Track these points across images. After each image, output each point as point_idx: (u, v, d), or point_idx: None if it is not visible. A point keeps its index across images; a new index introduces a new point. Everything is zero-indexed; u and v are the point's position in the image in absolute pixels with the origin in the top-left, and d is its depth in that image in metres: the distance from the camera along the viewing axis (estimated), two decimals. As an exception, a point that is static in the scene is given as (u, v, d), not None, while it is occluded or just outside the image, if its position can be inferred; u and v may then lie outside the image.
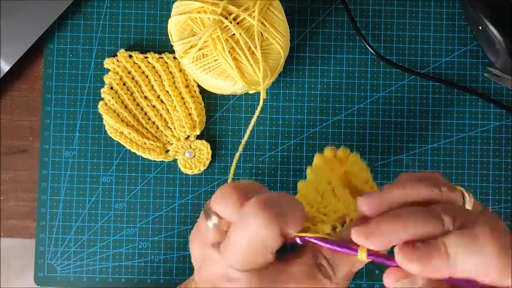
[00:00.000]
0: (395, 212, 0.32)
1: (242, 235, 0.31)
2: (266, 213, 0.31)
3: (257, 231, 0.31)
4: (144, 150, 0.53)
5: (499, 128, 0.55)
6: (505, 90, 0.55)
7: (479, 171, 0.54)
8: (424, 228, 0.31)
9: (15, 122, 0.55)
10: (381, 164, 0.54)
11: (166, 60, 0.54)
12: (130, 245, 0.54)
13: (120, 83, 0.54)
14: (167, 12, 0.55)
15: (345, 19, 0.55)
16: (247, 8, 0.47)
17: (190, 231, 0.54)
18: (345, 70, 0.55)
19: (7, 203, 0.55)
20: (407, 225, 0.31)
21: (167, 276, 0.54)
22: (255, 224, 0.31)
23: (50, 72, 0.55)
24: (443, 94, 0.55)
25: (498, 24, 0.51)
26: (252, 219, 0.31)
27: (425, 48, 0.55)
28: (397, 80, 0.55)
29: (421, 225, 0.31)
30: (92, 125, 0.55)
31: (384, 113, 0.55)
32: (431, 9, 0.55)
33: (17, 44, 0.53)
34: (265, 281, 0.32)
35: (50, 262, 0.54)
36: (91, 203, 0.54)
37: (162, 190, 0.54)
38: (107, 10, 0.55)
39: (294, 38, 0.55)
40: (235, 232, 0.32)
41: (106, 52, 0.55)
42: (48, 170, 0.54)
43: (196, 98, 0.54)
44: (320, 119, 0.55)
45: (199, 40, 0.47)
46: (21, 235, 0.55)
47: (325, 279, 0.33)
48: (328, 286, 0.33)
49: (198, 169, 0.54)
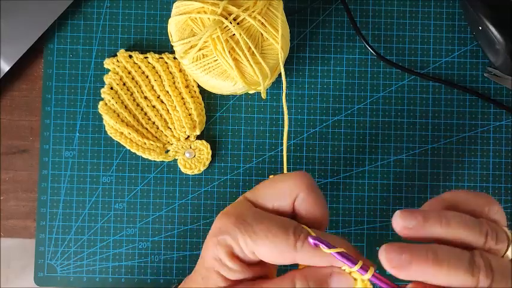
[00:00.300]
0: (433, 252, 0.30)
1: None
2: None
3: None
4: (144, 151, 0.53)
5: (499, 128, 0.55)
6: (505, 90, 0.55)
7: (479, 171, 0.54)
8: (456, 282, 0.30)
9: (15, 122, 0.55)
10: (381, 164, 0.54)
11: (166, 60, 0.54)
12: (130, 245, 0.54)
13: (120, 83, 0.54)
14: (167, 12, 0.55)
15: (345, 19, 0.55)
16: (247, 8, 0.47)
17: (190, 231, 0.54)
18: (345, 70, 0.55)
19: (7, 203, 0.55)
20: (441, 271, 0.30)
21: (167, 276, 0.54)
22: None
23: (50, 72, 0.55)
24: (443, 94, 0.55)
25: (498, 24, 0.51)
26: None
27: (425, 48, 0.55)
28: (397, 80, 0.55)
29: (455, 278, 0.30)
30: (92, 125, 0.55)
31: (383, 113, 0.55)
32: (431, 9, 0.55)
33: (17, 44, 0.53)
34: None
35: (50, 262, 0.54)
36: (91, 203, 0.54)
37: (162, 190, 0.54)
38: (107, 10, 0.55)
39: (294, 38, 0.55)
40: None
41: (106, 52, 0.55)
42: (48, 170, 0.54)
43: (196, 98, 0.54)
44: (320, 119, 0.55)
45: (199, 40, 0.47)
46: (21, 235, 0.55)
47: (290, 243, 0.33)
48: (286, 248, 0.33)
49: (198, 169, 0.54)
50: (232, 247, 0.34)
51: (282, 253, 0.33)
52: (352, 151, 0.55)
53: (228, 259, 0.34)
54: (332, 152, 0.55)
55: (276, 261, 0.34)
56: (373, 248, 0.54)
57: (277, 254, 0.33)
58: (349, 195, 0.54)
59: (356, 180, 0.54)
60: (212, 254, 0.34)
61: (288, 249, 0.33)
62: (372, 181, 0.54)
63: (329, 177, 0.54)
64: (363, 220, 0.54)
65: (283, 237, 0.33)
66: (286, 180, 0.35)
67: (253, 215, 0.34)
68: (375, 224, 0.54)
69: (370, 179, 0.54)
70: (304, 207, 0.35)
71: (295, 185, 0.35)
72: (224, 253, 0.34)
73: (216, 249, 0.34)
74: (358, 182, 0.54)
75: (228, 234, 0.34)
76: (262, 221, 0.34)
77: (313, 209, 0.35)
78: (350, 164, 0.54)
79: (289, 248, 0.33)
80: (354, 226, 0.54)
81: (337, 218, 0.54)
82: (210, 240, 0.35)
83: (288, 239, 0.33)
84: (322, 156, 0.54)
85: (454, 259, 0.30)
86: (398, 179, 0.54)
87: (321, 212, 0.35)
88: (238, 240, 0.34)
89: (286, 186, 0.35)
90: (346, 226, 0.54)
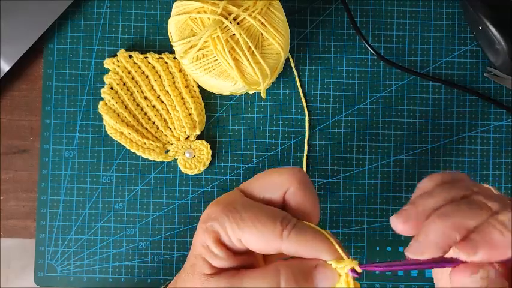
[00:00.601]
0: (439, 214, 0.31)
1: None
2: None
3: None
4: (144, 150, 0.53)
5: (499, 128, 0.55)
6: (505, 90, 0.55)
7: (479, 171, 0.54)
8: (476, 220, 0.30)
9: (15, 122, 0.55)
10: (381, 164, 0.54)
11: (166, 60, 0.54)
12: (130, 245, 0.54)
13: (120, 83, 0.54)
14: (167, 12, 0.55)
15: (345, 19, 0.55)
16: (247, 8, 0.47)
17: (191, 231, 0.54)
18: (345, 70, 0.55)
19: (7, 203, 0.55)
20: (457, 223, 0.30)
21: (167, 276, 0.54)
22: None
23: (50, 72, 0.55)
24: (443, 94, 0.55)
25: (498, 24, 0.51)
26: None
27: (425, 48, 0.55)
28: (397, 80, 0.55)
29: (471, 217, 0.30)
30: (92, 125, 0.55)
31: (383, 113, 0.55)
32: (431, 9, 0.55)
33: (17, 44, 0.53)
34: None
35: (50, 262, 0.54)
36: (91, 203, 0.54)
37: (162, 190, 0.54)
38: (107, 10, 0.55)
39: (294, 38, 0.55)
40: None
41: (106, 52, 0.55)
42: (48, 170, 0.54)
43: (196, 98, 0.54)
44: (320, 119, 0.55)
45: (199, 40, 0.47)
46: (21, 235, 0.55)
47: (276, 232, 0.33)
48: (272, 237, 0.33)
49: (198, 169, 0.54)
50: (219, 234, 0.34)
51: (268, 241, 0.33)
52: (352, 151, 0.55)
53: (214, 246, 0.34)
54: (332, 152, 0.55)
55: (262, 249, 0.34)
56: (373, 248, 0.54)
57: (263, 243, 0.33)
58: (349, 195, 0.54)
59: (356, 180, 0.54)
60: (200, 241, 0.35)
61: (274, 237, 0.33)
62: (372, 181, 0.54)
63: (329, 177, 0.54)
64: (363, 220, 0.54)
65: (270, 226, 0.33)
66: (279, 173, 0.36)
67: (242, 204, 0.35)
68: (375, 224, 0.54)
69: (370, 179, 0.54)
70: (294, 200, 0.35)
71: (287, 178, 0.35)
72: (211, 239, 0.34)
73: (204, 236, 0.34)
74: (358, 182, 0.54)
75: (216, 220, 0.34)
76: (251, 209, 0.34)
77: (303, 203, 0.35)
78: (350, 164, 0.54)
79: (275, 236, 0.33)
80: (354, 226, 0.54)
81: (337, 218, 0.54)
82: (199, 227, 0.35)
83: (275, 228, 0.33)
84: (322, 156, 0.54)
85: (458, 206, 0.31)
86: (398, 179, 0.54)
87: (311, 206, 0.35)
88: (226, 227, 0.34)
89: (278, 179, 0.36)
90: (346, 226, 0.54)
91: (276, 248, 0.33)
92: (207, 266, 0.34)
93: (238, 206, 0.34)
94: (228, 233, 0.34)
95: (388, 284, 0.53)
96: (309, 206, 0.35)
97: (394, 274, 0.53)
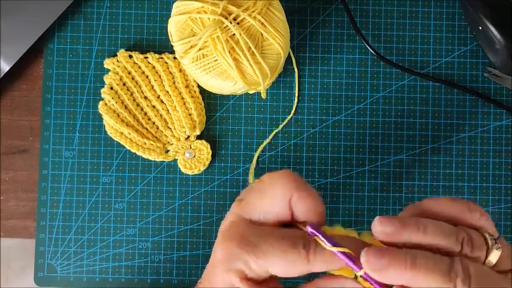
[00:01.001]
0: (412, 257, 0.30)
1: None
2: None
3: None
4: (144, 151, 0.53)
5: (499, 128, 0.55)
6: (505, 90, 0.55)
7: (479, 171, 0.54)
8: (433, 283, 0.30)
9: (15, 122, 0.55)
10: (381, 164, 0.54)
11: (166, 60, 0.54)
12: (130, 245, 0.54)
13: (120, 83, 0.54)
14: (167, 12, 0.55)
15: (345, 19, 0.55)
16: (247, 8, 0.47)
17: (191, 231, 0.54)
18: (345, 70, 0.55)
19: (7, 203, 0.55)
20: (418, 276, 0.30)
21: (167, 276, 0.54)
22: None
23: (50, 72, 0.55)
24: (443, 94, 0.55)
25: (498, 24, 0.51)
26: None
27: (425, 48, 0.55)
28: (397, 80, 0.55)
29: (433, 283, 0.30)
30: (92, 125, 0.55)
31: (384, 113, 0.55)
32: (431, 9, 0.55)
33: (17, 44, 0.53)
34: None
35: (50, 262, 0.54)
36: (91, 203, 0.54)
37: (162, 190, 0.54)
38: (107, 10, 0.55)
39: (294, 38, 0.55)
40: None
41: (106, 52, 0.55)
42: (48, 170, 0.54)
43: (196, 98, 0.54)
44: (320, 119, 0.55)
45: (199, 40, 0.47)
46: (21, 235, 0.55)
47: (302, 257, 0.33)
48: (299, 263, 0.33)
49: (198, 169, 0.54)
50: (244, 271, 0.33)
51: (296, 267, 0.33)
52: (352, 151, 0.55)
53: (242, 284, 0.33)
54: (332, 152, 0.55)
55: (293, 275, 0.33)
56: (373, 248, 0.54)
57: (292, 269, 0.33)
58: (349, 195, 0.54)
59: (356, 180, 0.54)
60: (224, 282, 0.34)
61: (302, 263, 0.33)
62: (372, 181, 0.54)
63: (329, 177, 0.54)
64: (363, 220, 0.54)
65: (294, 253, 0.33)
66: (273, 185, 0.35)
67: (255, 234, 0.34)
68: (375, 224, 0.54)
69: (370, 179, 0.54)
70: (301, 206, 0.35)
71: (284, 187, 0.35)
72: (237, 279, 0.33)
73: (228, 276, 0.34)
74: (358, 182, 0.54)
75: (238, 259, 0.33)
76: (266, 238, 0.33)
77: (310, 206, 0.35)
78: (350, 164, 0.54)
79: (302, 262, 0.33)
80: (354, 226, 0.54)
81: (337, 218, 0.54)
82: (219, 269, 0.34)
83: (300, 254, 0.33)
84: (322, 156, 0.54)
85: (432, 264, 0.30)
86: (398, 179, 0.54)
87: (318, 206, 0.35)
88: (249, 263, 0.33)
89: (275, 191, 0.35)
90: (346, 226, 0.54)
91: (306, 271, 0.33)
92: None
93: (252, 238, 0.34)
94: (253, 268, 0.33)
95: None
96: (316, 207, 0.35)
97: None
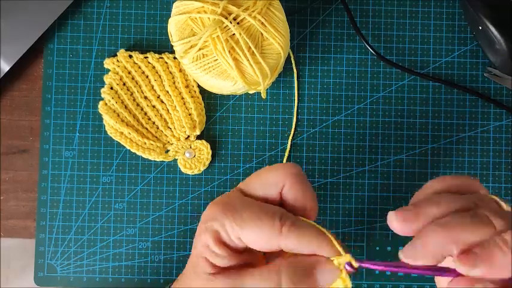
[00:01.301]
0: (441, 224, 0.31)
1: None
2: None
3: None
4: (144, 150, 0.53)
5: (499, 128, 0.55)
6: (505, 90, 0.55)
7: (479, 171, 0.54)
8: (476, 236, 0.30)
9: (15, 122, 0.55)
10: (381, 164, 0.54)
11: (166, 60, 0.54)
12: (130, 245, 0.54)
13: (120, 83, 0.54)
14: (167, 12, 0.55)
15: (345, 19, 0.55)
16: (247, 8, 0.47)
17: (191, 231, 0.54)
18: (345, 70, 0.55)
19: (7, 203, 0.55)
20: (458, 237, 0.30)
21: (167, 276, 0.54)
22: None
23: (50, 72, 0.55)
24: (443, 94, 0.55)
25: (498, 24, 0.51)
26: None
27: (425, 48, 0.55)
28: (397, 80, 0.55)
29: (472, 233, 0.30)
30: (92, 125, 0.55)
31: (383, 113, 0.55)
32: (431, 9, 0.55)
33: (17, 44, 0.53)
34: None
35: (50, 262, 0.54)
36: (91, 203, 0.54)
37: (162, 190, 0.54)
38: (107, 10, 0.55)
39: (294, 38, 0.55)
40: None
41: (106, 52, 0.55)
42: (48, 170, 0.54)
43: (196, 98, 0.54)
44: (320, 119, 0.55)
45: (199, 40, 0.47)
46: (21, 235, 0.55)
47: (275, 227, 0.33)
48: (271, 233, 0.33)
49: (198, 169, 0.54)
50: (219, 233, 0.35)
51: (267, 238, 0.33)
52: (352, 151, 0.55)
53: (215, 245, 0.35)
54: (332, 152, 0.55)
55: (262, 247, 0.34)
56: (373, 248, 0.54)
57: (263, 240, 0.34)
58: (349, 195, 0.54)
59: (356, 180, 0.54)
60: (201, 241, 0.35)
61: (273, 234, 0.33)
62: (372, 181, 0.54)
63: (329, 177, 0.54)
64: (363, 220, 0.54)
65: (269, 223, 0.33)
66: (274, 170, 0.37)
67: (241, 203, 0.35)
68: (375, 224, 0.54)
69: (370, 179, 0.54)
70: (291, 195, 0.36)
71: (282, 174, 0.36)
72: (211, 239, 0.35)
73: (204, 236, 0.35)
74: (358, 182, 0.54)
75: (216, 220, 0.35)
76: (249, 207, 0.34)
77: (299, 197, 0.35)
78: (350, 164, 0.54)
79: (274, 233, 0.33)
80: (354, 226, 0.54)
81: (337, 218, 0.54)
82: (199, 228, 0.36)
83: (274, 225, 0.33)
84: (322, 156, 0.54)
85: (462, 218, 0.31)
86: (398, 179, 0.54)
87: (308, 200, 0.36)
88: (225, 225, 0.34)
89: (273, 175, 0.36)
90: (346, 226, 0.54)
91: (275, 245, 0.34)
92: (209, 265, 0.35)
93: (237, 205, 0.35)
94: (228, 231, 0.34)
95: (388, 284, 0.53)
96: (306, 200, 0.36)
97: (394, 274, 0.53)
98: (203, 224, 0.36)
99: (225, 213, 0.34)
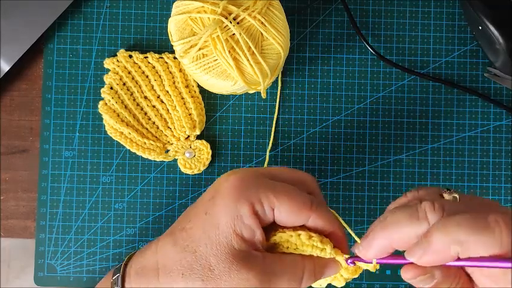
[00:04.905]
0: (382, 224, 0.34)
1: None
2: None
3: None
4: (144, 150, 0.53)
5: (499, 128, 0.55)
6: (505, 90, 0.55)
7: (479, 171, 0.54)
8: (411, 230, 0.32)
9: (15, 122, 0.55)
10: (381, 164, 0.54)
11: (166, 60, 0.54)
12: (130, 245, 0.54)
13: (120, 83, 0.54)
14: (167, 12, 0.55)
15: (345, 19, 0.55)
16: (247, 7, 0.47)
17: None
18: (344, 70, 0.55)
19: (7, 203, 0.55)
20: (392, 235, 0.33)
21: (167, 276, 0.54)
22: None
23: (50, 72, 0.55)
24: (443, 94, 0.55)
25: (498, 24, 0.51)
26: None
27: (425, 48, 0.55)
28: (397, 80, 0.55)
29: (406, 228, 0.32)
30: (92, 125, 0.55)
31: (383, 113, 0.55)
32: (431, 9, 0.55)
33: (17, 44, 0.53)
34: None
35: (50, 262, 0.54)
36: (91, 203, 0.54)
37: (162, 190, 0.54)
38: (106, 10, 0.55)
39: (294, 38, 0.55)
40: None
41: (106, 52, 0.55)
42: (48, 170, 0.54)
43: (196, 98, 0.54)
44: (320, 119, 0.55)
45: (199, 40, 0.47)
46: (21, 235, 0.55)
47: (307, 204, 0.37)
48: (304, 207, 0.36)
49: (198, 169, 0.54)
50: (254, 203, 0.35)
51: (299, 211, 0.36)
52: (352, 151, 0.55)
53: (248, 215, 0.35)
54: (332, 152, 0.55)
55: (291, 219, 0.36)
56: (373, 248, 0.54)
57: (295, 213, 0.36)
58: (349, 195, 0.54)
59: (356, 180, 0.54)
60: (226, 213, 0.35)
61: (306, 207, 0.36)
62: (372, 181, 0.54)
63: (329, 177, 0.54)
64: (363, 220, 0.54)
65: (301, 198, 0.36)
66: (287, 172, 0.41)
67: (267, 179, 0.37)
68: (375, 224, 0.54)
69: (370, 179, 0.54)
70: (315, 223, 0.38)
71: (299, 177, 0.40)
72: (246, 209, 0.35)
73: (235, 206, 0.35)
74: (358, 182, 0.54)
75: (251, 189, 0.35)
76: (279, 183, 0.37)
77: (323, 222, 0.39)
78: (350, 164, 0.54)
79: (306, 207, 0.36)
80: (354, 226, 0.54)
81: (337, 218, 0.54)
82: (224, 200, 0.36)
83: (306, 200, 0.36)
84: (322, 156, 0.54)
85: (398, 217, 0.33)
86: (398, 179, 0.54)
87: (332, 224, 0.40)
88: (261, 196, 0.35)
89: (293, 175, 0.40)
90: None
91: (305, 218, 0.36)
92: (238, 239, 0.35)
93: (269, 182, 0.36)
94: (263, 202, 0.35)
95: (388, 284, 0.53)
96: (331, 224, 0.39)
97: (394, 274, 0.53)
98: (231, 194, 0.36)
99: (259, 184, 0.36)
